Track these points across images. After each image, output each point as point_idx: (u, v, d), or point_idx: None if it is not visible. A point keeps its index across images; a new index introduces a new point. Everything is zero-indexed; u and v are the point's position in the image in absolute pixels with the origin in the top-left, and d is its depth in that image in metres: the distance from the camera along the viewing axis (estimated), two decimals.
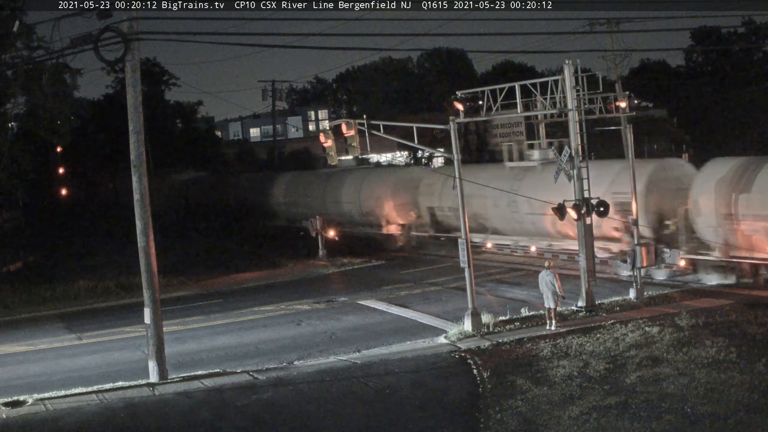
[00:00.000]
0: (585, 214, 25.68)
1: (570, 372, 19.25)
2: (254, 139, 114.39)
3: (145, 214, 21.51)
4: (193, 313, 30.58)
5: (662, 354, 19.95)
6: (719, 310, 24.05)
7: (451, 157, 25.25)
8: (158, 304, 21.66)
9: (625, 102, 28.57)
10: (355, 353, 23.16)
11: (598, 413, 16.39)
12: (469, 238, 25.04)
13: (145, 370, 21.65)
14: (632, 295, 26.65)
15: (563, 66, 26.45)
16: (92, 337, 27.79)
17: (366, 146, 27.35)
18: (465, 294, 24.95)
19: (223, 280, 38.15)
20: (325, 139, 28.50)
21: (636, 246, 26.84)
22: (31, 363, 24.74)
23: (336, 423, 17.45)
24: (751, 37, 75.48)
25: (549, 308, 24.03)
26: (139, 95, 21.38)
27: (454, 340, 23.59)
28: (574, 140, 26.06)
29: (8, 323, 31.17)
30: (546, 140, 35.28)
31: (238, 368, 22.25)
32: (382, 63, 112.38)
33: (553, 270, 24.52)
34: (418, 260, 39.83)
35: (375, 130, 27.11)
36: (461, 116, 26.34)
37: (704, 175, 29.27)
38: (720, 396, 16.71)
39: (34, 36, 38.52)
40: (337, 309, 29.73)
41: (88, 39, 20.34)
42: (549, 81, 26.95)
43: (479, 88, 28.29)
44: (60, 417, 18.87)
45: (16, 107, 42.35)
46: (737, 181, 27.78)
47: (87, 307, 33.79)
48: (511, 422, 16.50)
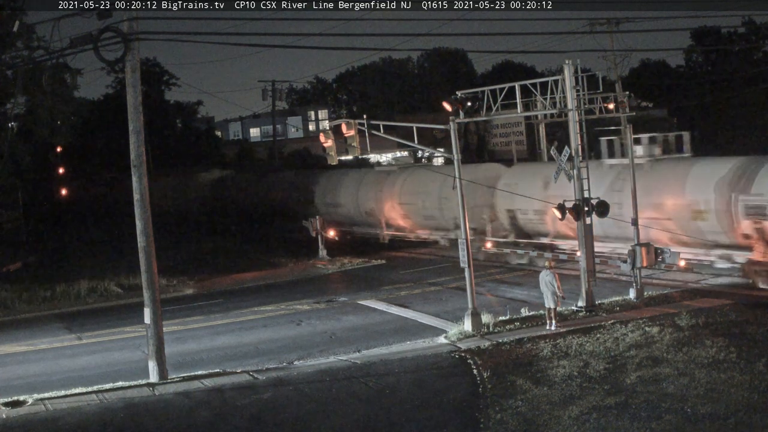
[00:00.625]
0: (585, 214, 25.72)
1: (570, 372, 19.25)
2: (254, 139, 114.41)
3: (145, 214, 21.51)
4: (193, 313, 30.59)
5: (662, 354, 19.95)
6: (719, 310, 24.06)
7: (451, 157, 25.26)
8: (158, 304, 21.67)
9: (625, 102, 28.59)
10: (355, 353, 23.16)
11: (598, 413, 16.38)
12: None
13: (145, 370, 21.65)
14: (632, 295, 26.65)
15: (563, 66, 26.45)
16: (92, 337, 27.79)
17: (366, 146, 27.36)
18: (465, 294, 24.95)
19: (223, 280, 38.16)
20: (325, 139, 28.52)
21: (636, 246, 26.84)
22: (31, 363, 24.74)
23: (336, 423, 17.45)
24: (751, 37, 75.47)
25: (549, 308, 24.05)
26: (139, 95, 21.38)
27: (454, 340, 23.60)
28: (574, 140, 26.07)
29: (8, 323, 31.17)
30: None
31: (238, 368, 22.24)
32: (382, 63, 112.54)
33: (553, 270, 24.53)
34: (419, 260, 39.82)
35: (375, 130, 27.11)
36: (461, 116, 26.34)
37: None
38: (720, 396, 16.71)
39: (34, 36, 38.60)
40: (337, 309, 29.73)
41: (88, 39, 20.34)
42: (549, 81, 26.94)
43: (479, 88, 28.29)
44: (60, 417, 18.87)
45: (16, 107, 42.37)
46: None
47: (87, 307, 33.78)
48: (511, 422, 16.50)
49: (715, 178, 28.36)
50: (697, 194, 28.61)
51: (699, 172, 29.26)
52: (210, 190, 65.44)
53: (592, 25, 45.83)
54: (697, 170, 29.42)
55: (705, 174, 28.90)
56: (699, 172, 29.26)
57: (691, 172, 29.53)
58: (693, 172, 29.45)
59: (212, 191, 65.15)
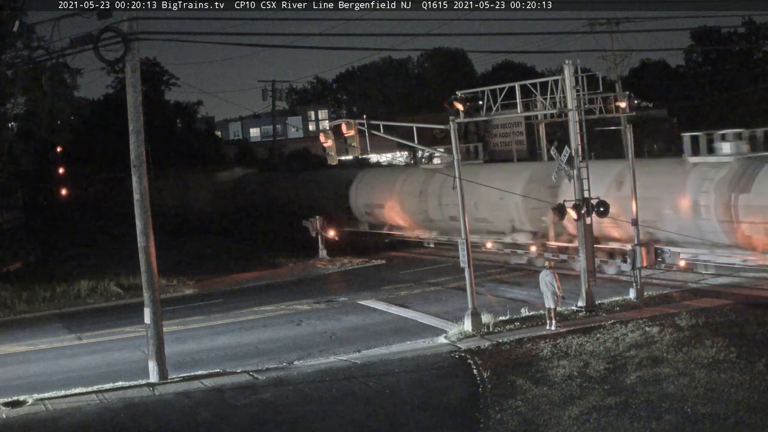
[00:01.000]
0: (585, 214, 25.71)
1: (570, 372, 19.25)
2: (254, 139, 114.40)
3: (145, 214, 21.51)
4: (193, 313, 30.58)
5: (662, 354, 19.95)
6: (719, 310, 24.05)
7: (451, 157, 25.25)
8: (158, 304, 21.66)
9: (625, 102, 28.58)
10: (355, 353, 23.16)
11: (598, 413, 16.38)
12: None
13: (145, 370, 21.65)
14: (632, 295, 26.65)
15: (563, 66, 26.45)
16: (92, 337, 27.78)
17: (366, 146, 27.36)
18: (465, 294, 24.94)
19: (223, 280, 38.16)
20: (325, 139, 28.51)
21: (636, 246, 26.84)
22: (31, 363, 24.73)
23: (336, 423, 17.45)
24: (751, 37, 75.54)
25: (549, 308, 24.05)
26: (139, 95, 21.38)
27: (454, 340, 23.59)
28: (574, 140, 26.06)
29: (8, 323, 31.17)
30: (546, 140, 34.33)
31: (238, 368, 22.24)
32: (382, 63, 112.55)
33: (553, 270, 24.52)
34: (419, 260, 39.81)
35: (375, 130, 27.11)
36: (461, 116, 26.34)
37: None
38: (720, 396, 16.71)
39: (34, 36, 38.63)
40: (337, 309, 29.73)
41: (88, 39, 20.34)
42: (549, 81, 26.95)
43: (479, 88, 28.30)
44: (60, 417, 18.86)
45: (16, 107, 42.42)
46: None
47: (87, 307, 33.79)
48: (511, 422, 16.50)
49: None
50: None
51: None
52: (234, 190, 63.21)
53: (592, 25, 45.88)
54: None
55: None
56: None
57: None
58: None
59: (235, 191, 62.96)
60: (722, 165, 27.85)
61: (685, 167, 29.19)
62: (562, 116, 28.73)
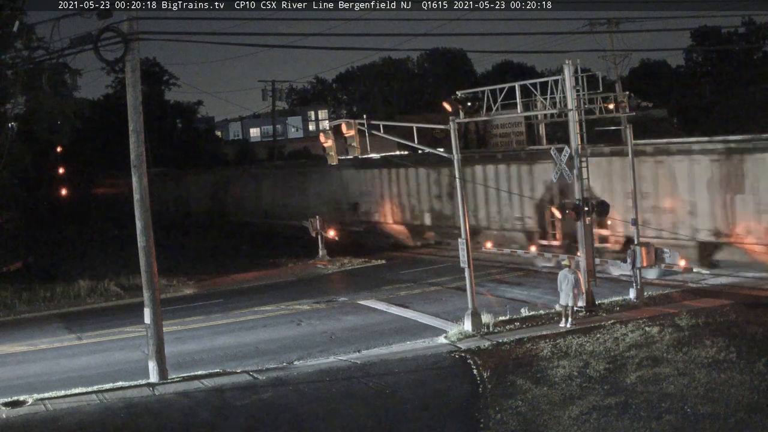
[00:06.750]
0: (585, 214, 25.72)
1: (570, 372, 19.25)
2: (254, 139, 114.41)
3: (145, 214, 21.51)
4: (193, 313, 30.58)
5: (662, 354, 19.95)
6: (719, 310, 24.05)
7: (451, 157, 25.25)
8: (158, 304, 21.67)
9: (625, 102, 28.53)
10: (355, 353, 23.16)
11: (598, 413, 16.38)
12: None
13: (145, 370, 21.65)
14: (632, 295, 26.65)
15: (563, 66, 26.44)
16: (92, 337, 27.78)
17: (366, 146, 27.37)
18: (465, 294, 24.95)
19: (223, 280, 38.16)
20: (325, 139, 28.53)
21: (636, 246, 26.84)
22: (31, 363, 24.73)
23: (336, 423, 17.44)
24: (751, 37, 75.55)
25: (566, 305, 24.05)
26: (139, 95, 21.38)
27: (454, 340, 23.60)
28: (574, 140, 26.07)
29: (8, 323, 31.17)
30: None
31: (238, 368, 22.24)
32: (382, 63, 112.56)
33: (577, 270, 24.65)
34: (419, 260, 39.82)
35: (375, 130, 27.10)
36: (461, 116, 26.34)
37: None
38: (720, 396, 16.70)
39: (34, 36, 38.65)
40: (337, 309, 29.73)
41: (88, 39, 20.32)
42: (549, 81, 26.95)
43: (479, 88, 28.30)
44: (60, 417, 18.86)
45: (16, 107, 42.44)
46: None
47: (87, 307, 33.78)
48: (511, 422, 16.50)
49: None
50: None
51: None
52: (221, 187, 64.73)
53: (592, 25, 45.93)
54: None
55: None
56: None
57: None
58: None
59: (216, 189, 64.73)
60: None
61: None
62: (562, 116, 28.70)
